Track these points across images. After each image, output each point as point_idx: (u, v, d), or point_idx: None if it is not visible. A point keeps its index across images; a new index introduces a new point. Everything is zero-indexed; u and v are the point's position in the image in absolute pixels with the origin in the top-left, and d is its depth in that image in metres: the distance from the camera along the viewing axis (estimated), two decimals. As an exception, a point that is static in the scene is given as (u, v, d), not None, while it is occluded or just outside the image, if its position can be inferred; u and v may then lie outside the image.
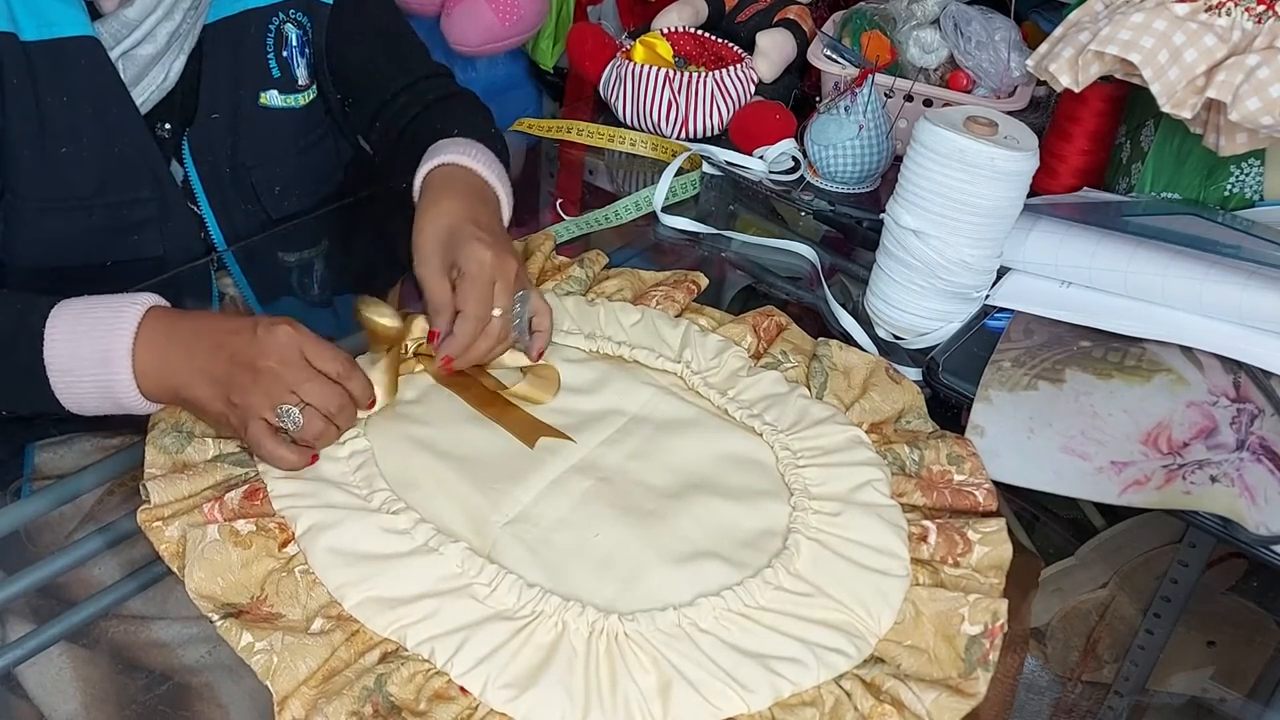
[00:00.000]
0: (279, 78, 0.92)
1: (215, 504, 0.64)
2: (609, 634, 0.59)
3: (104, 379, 0.65)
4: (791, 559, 0.65)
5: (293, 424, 0.66)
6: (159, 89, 0.85)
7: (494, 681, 0.56)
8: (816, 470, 0.71)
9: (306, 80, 0.94)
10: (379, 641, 0.58)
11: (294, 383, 0.66)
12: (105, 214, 0.84)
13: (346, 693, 0.55)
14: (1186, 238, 0.86)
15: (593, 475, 0.69)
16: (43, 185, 0.81)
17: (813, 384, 0.79)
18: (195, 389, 0.66)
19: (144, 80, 0.83)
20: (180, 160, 0.89)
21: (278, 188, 0.95)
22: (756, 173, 1.10)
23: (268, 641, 0.57)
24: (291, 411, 0.66)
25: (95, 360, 0.65)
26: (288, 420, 0.66)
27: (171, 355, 0.67)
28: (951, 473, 0.72)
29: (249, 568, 0.62)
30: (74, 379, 0.66)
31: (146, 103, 0.84)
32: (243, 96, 0.90)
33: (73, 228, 0.83)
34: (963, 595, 0.62)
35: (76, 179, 0.82)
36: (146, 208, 0.86)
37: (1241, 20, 0.81)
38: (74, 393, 0.66)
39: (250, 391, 0.66)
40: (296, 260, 0.97)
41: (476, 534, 0.65)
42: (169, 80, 0.85)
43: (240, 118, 0.91)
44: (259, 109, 0.92)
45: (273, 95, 0.92)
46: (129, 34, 0.80)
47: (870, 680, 0.59)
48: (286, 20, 0.92)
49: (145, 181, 0.85)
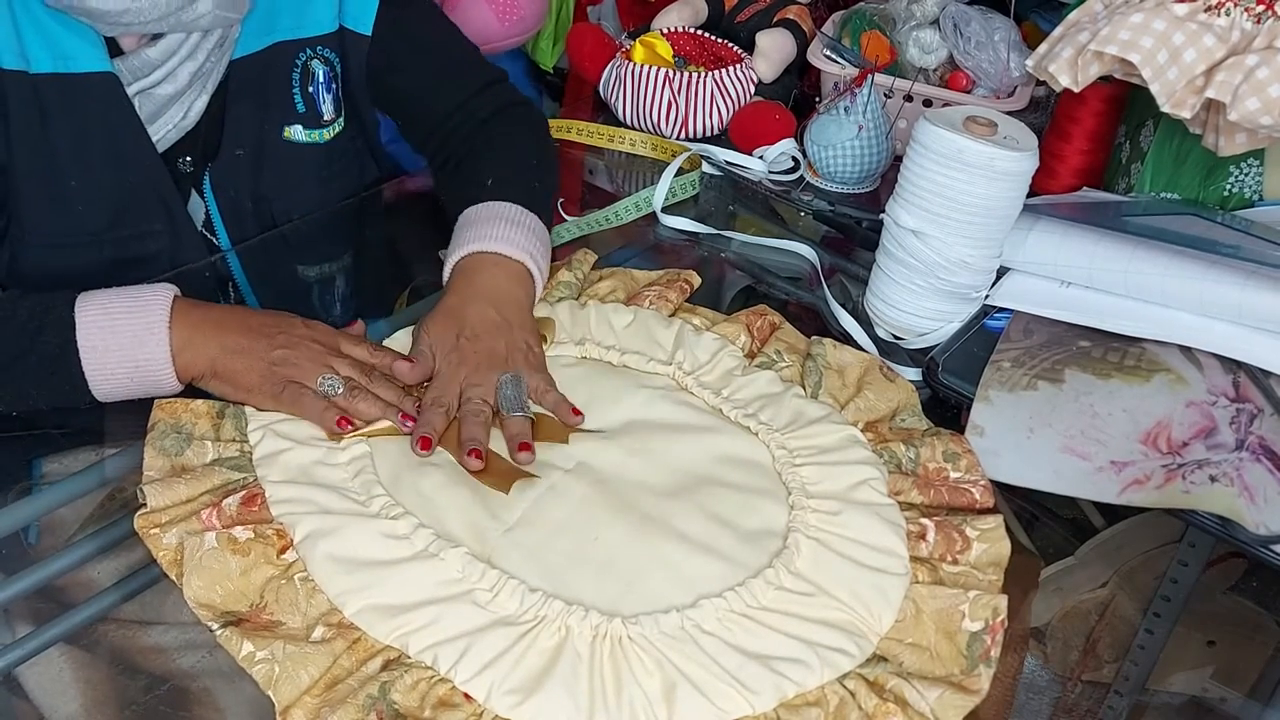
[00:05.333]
0: (304, 113, 0.91)
1: (213, 510, 0.63)
2: (612, 637, 0.59)
3: (138, 358, 0.68)
4: (792, 558, 0.65)
5: (331, 391, 0.70)
6: (177, 127, 0.84)
7: (498, 687, 0.56)
8: (813, 469, 0.71)
9: (332, 115, 0.93)
10: (381, 649, 0.58)
11: (332, 357, 0.72)
12: (115, 248, 0.83)
13: (350, 701, 0.55)
14: (1186, 237, 0.86)
15: (590, 479, 0.69)
16: (51, 220, 0.80)
17: (807, 383, 0.79)
18: (232, 361, 0.70)
19: (162, 118, 0.83)
20: (201, 193, 0.89)
21: (296, 217, 0.95)
22: (756, 173, 1.10)
23: (269, 650, 0.57)
24: (333, 379, 0.71)
25: (129, 339, 0.68)
26: (327, 386, 0.70)
27: (206, 331, 0.70)
28: (948, 470, 0.72)
29: (248, 575, 0.61)
30: (107, 358, 0.68)
31: (164, 140, 0.84)
32: (267, 131, 0.90)
33: (81, 262, 0.82)
34: (963, 592, 0.63)
35: (86, 214, 0.81)
36: (158, 240, 0.86)
37: (1241, 20, 0.81)
38: (104, 372, 0.68)
39: (294, 362, 0.71)
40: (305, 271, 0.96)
41: (476, 539, 0.65)
42: (189, 119, 0.85)
43: (264, 153, 0.90)
44: (283, 143, 0.91)
45: (297, 130, 0.91)
46: (149, 73, 0.80)
47: (874, 679, 0.59)
48: (313, 56, 0.91)
49: (158, 215, 0.85)
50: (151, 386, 0.70)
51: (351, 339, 0.75)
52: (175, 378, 0.70)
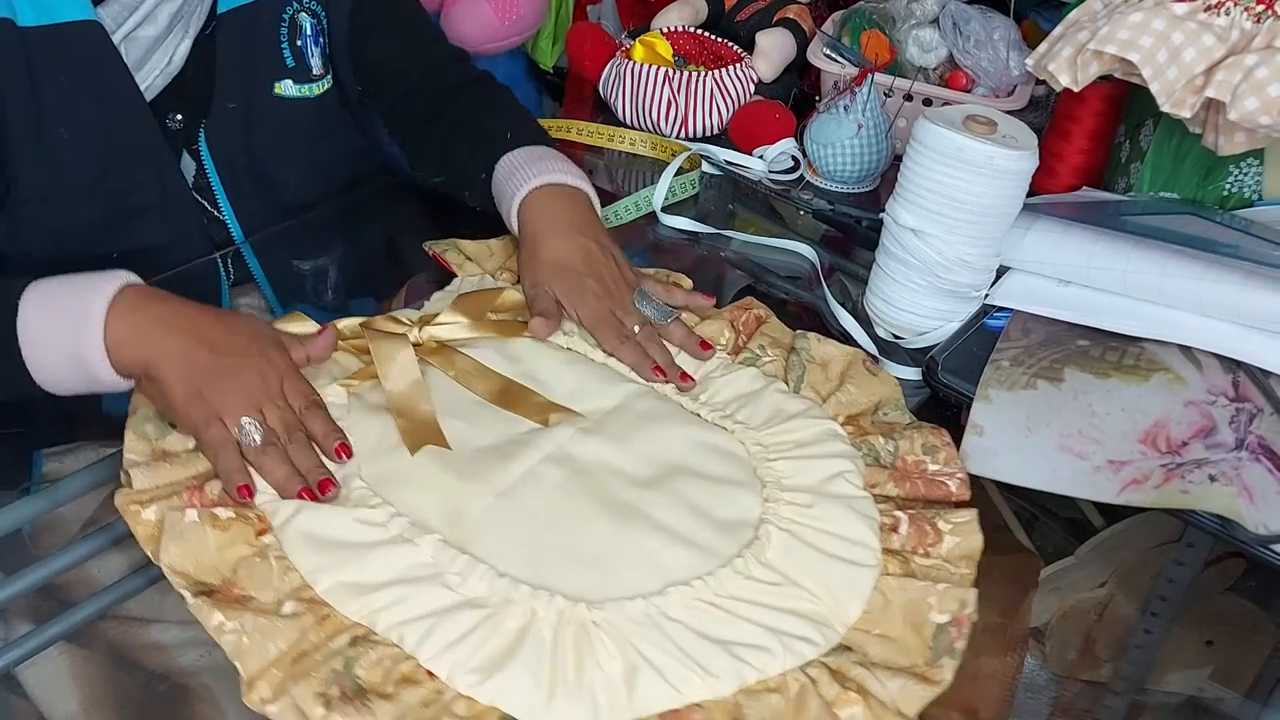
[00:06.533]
0: (293, 67, 0.92)
1: (196, 492, 0.64)
2: (577, 622, 0.60)
3: (75, 347, 0.65)
4: (762, 549, 0.65)
5: (248, 440, 0.65)
6: (163, 73, 0.84)
7: (461, 666, 0.57)
8: (788, 463, 0.71)
9: (321, 70, 0.94)
10: (349, 625, 0.59)
11: (265, 399, 0.66)
12: (106, 201, 0.84)
13: (314, 674, 0.55)
14: (1185, 237, 0.86)
15: (567, 466, 0.70)
16: (43, 174, 0.80)
17: (790, 377, 0.79)
18: (166, 368, 0.65)
19: (148, 64, 0.83)
20: (194, 153, 0.89)
21: (292, 178, 0.95)
22: (756, 172, 1.10)
23: (238, 622, 0.57)
24: (253, 426, 0.65)
25: (67, 327, 0.65)
26: (245, 434, 0.65)
27: (149, 329, 0.66)
28: (926, 463, 0.73)
29: (223, 551, 0.62)
30: (44, 348, 0.65)
31: (152, 88, 0.84)
32: (257, 86, 0.90)
33: (75, 216, 0.83)
34: (932, 585, 0.63)
35: (77, 166, 0.81)
36: (147, 193, 0.86)
37: (1240, 20, 0.81)
38: (45, 362, 0.65)
39: (227, 391, 0.65)
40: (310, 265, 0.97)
41: (451, 525, 0.65)
42: (174, 64, 0.85)
43: (254, 108, 0.91)
44: (273, 99, 0.92)
45: (287, 85, 0.92)
46: (129, 15, 0.80)
47: (836, 668, 0.59)
48: (300, 10, 0.92)
49: (147, 167, 0.85)
50: (94, 382, 0.67)
51: (296, 379, 0.70)
52: (115, 376, 0.66)
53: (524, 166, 0.86)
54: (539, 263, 0.82)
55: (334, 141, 0.99)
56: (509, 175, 0.86)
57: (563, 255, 0.82)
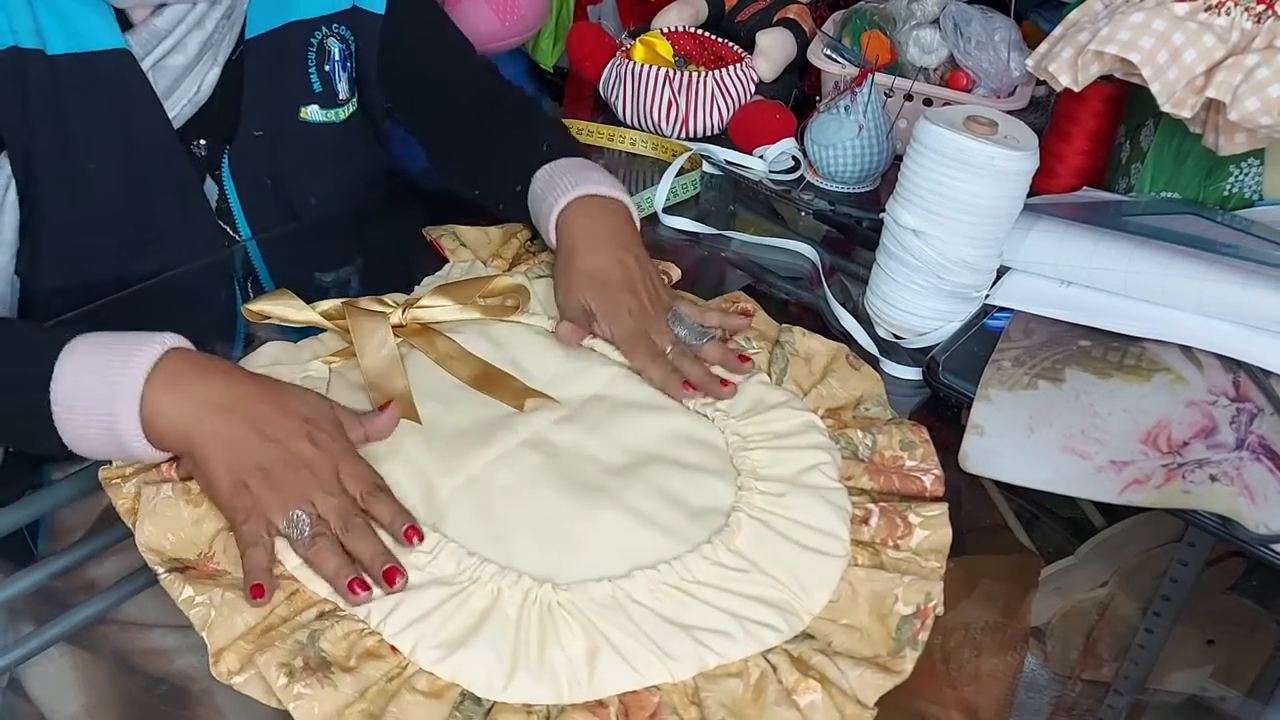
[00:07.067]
0: (320, 92, 0.91)
1: (173, 466, 0.65)
2: (542, 602, 0.60)
3: (107, 418, 0.60)
4: (732, 536, 0.65)
5: (297, 534, 0.61)
6: (191, 101, 0.84)
7: (425, 642, 0.58)
8: (764, 453, 0.72)
9: (347, 94, 0.94)
10: (317, 601, 0.60)
11: (317, 489, 0.62)
12: (128, 227, 0.83)
13: (279, 645, 0.56)
14: (1186, 237, 0.86)
15: (543, 451, 0.70)
16: (67, 203, 0.80)
17: (773, 370, 0.80)
18: (210, 453, 0.61)
19: (176, 92, 0.82)
20: (217, 178, 0.88)
21: (313, 199, 0.95)
22: (756, 172, 1.10)
23: (207, 596, 0.58)
24: (302, 519, 0.61)
25: (101, 396, 0.60)
26: (294, 528, 0.61)
27: (191, 405, 0.61)
28: (903, 458, 0.73)
29: (199, 525, 0.63)
30: (76, 415, 0.60)
31: (179, 116, 0.84)
32: (283, 112, 0.90)
33: (97, 242, 0.82)
34: (899, 576, 0.63)
35: (102, 194, 0.81)
36: (170, 218, 0.85)
37: (1241, 20, 0.81)
38: (76, 429, 0.61)
39: (273, 484, 0.61)
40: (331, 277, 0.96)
41: (423, 504, 0.66)
42: (201, 93, 0.84)
43: (280, 134, 0.90)
44: (299, 124, 0.91)
45: (313, 110, 0.92)
46: (158, 43, 0.80)
47: (798, 655, 0.59)
48: (329, 34, 0.91)
49: (171, 194, 0.85)
50: (126, 453, 0.62)
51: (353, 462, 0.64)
52: (151, 449, 0.62)
53: (563, 176, 0.85)
54: (575, 272, 0.81)
55: (358, 163, 0.98)
56: (548, 186, 0.85)
57: (601, 268, 0.80)
